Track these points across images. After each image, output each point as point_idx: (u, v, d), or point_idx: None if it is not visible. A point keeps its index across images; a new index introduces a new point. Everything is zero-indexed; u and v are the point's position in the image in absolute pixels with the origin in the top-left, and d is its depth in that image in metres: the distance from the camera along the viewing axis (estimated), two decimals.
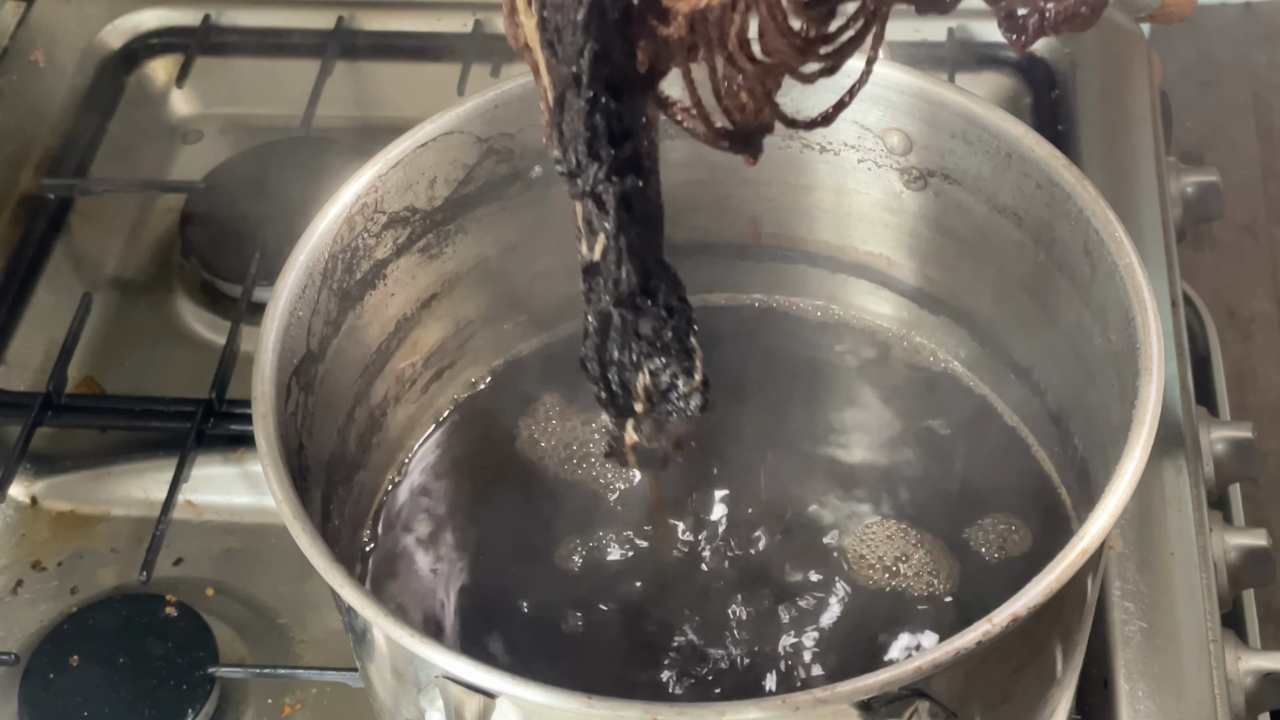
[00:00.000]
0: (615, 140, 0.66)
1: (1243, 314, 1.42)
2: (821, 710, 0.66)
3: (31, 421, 1.08)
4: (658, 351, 0.73)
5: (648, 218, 0.69)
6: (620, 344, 0.73)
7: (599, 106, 0.64)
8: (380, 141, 0.87)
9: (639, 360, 0.73)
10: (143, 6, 1.35)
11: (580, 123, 0.65)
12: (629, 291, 0.70)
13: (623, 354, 0.73)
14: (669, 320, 0.72)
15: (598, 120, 0.65)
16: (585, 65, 0.63)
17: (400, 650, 0.72)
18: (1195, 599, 0.94)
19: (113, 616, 0.99)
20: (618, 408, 0.75)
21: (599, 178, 0.66)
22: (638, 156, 0.67)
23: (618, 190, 0.67)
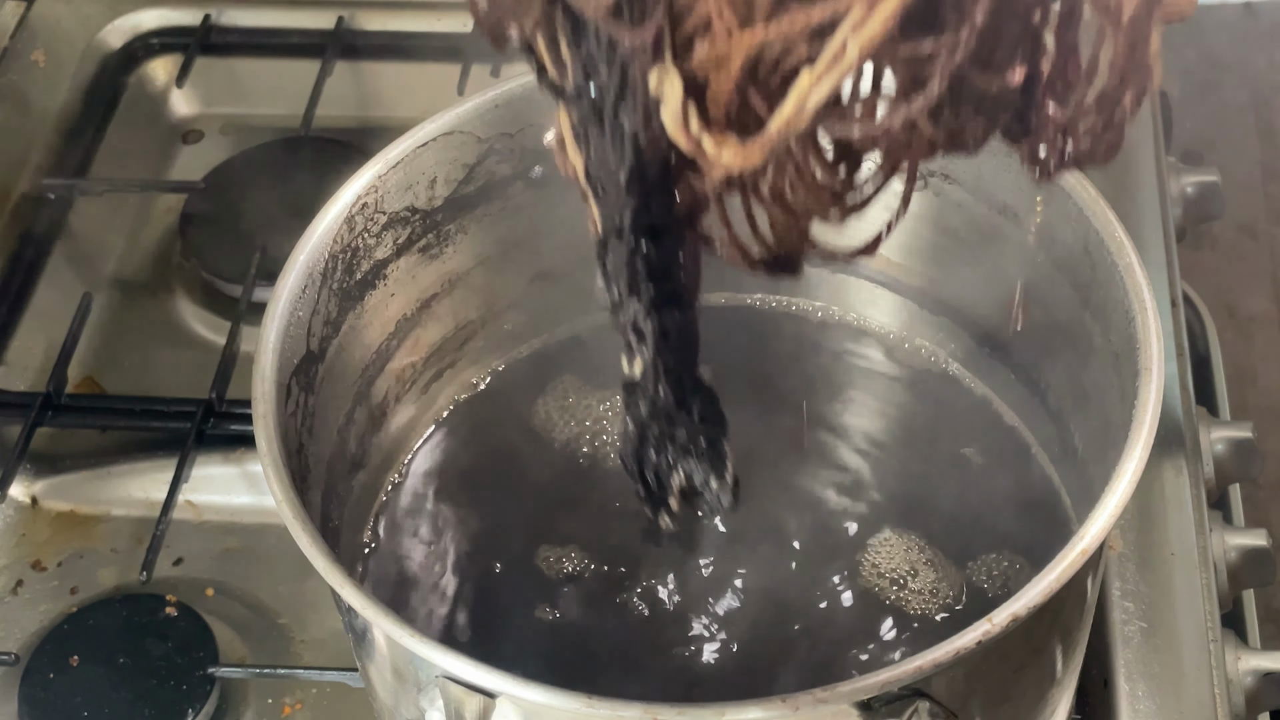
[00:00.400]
0: (654, 278, 0.70)
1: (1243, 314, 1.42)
2: (822, 710, 0.66)
3: (31, 421, 1.08)
4: (692, 456, 0.78)
5: (685, 342, 0.74)
6: (656, 448, 0.78)
7: (639, 251, 0.69)
8: (380, 141, 0.87)
9: (674, 462, 0.78)
10: (143, 6, 1.35)
11: (622, 264, 0.69)
12: (665, 408, 0.75)
13: (659, 457, 0.78)
14: (701, 431, 0.77)
15: (638, 264, 0.69)
16: (627, 219, 0.67)
17: (400, 650, 0.72)
18: (1195, 599, 0.94)
19: (113, 616, 0.99)
20: (653, 501, 0.80)
21: (639, 312, 0.71)
22: (676, 290, 0.71)
23: (656, 324, 0.72)
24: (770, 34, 0.56)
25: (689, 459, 0.78)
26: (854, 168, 0.65)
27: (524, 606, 0.87)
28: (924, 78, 0.57)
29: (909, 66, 0.57)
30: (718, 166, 0.60)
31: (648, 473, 0.79)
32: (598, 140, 0.65)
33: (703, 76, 0.58)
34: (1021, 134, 0.63)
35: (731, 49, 0.57)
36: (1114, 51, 0.60)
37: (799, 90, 0.56)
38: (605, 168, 0.66)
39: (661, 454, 0.78)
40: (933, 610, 0.85)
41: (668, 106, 0.59)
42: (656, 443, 0.78)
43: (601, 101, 0.63)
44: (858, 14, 0.54)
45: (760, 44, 0.56)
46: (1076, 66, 0.61)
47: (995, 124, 0.63)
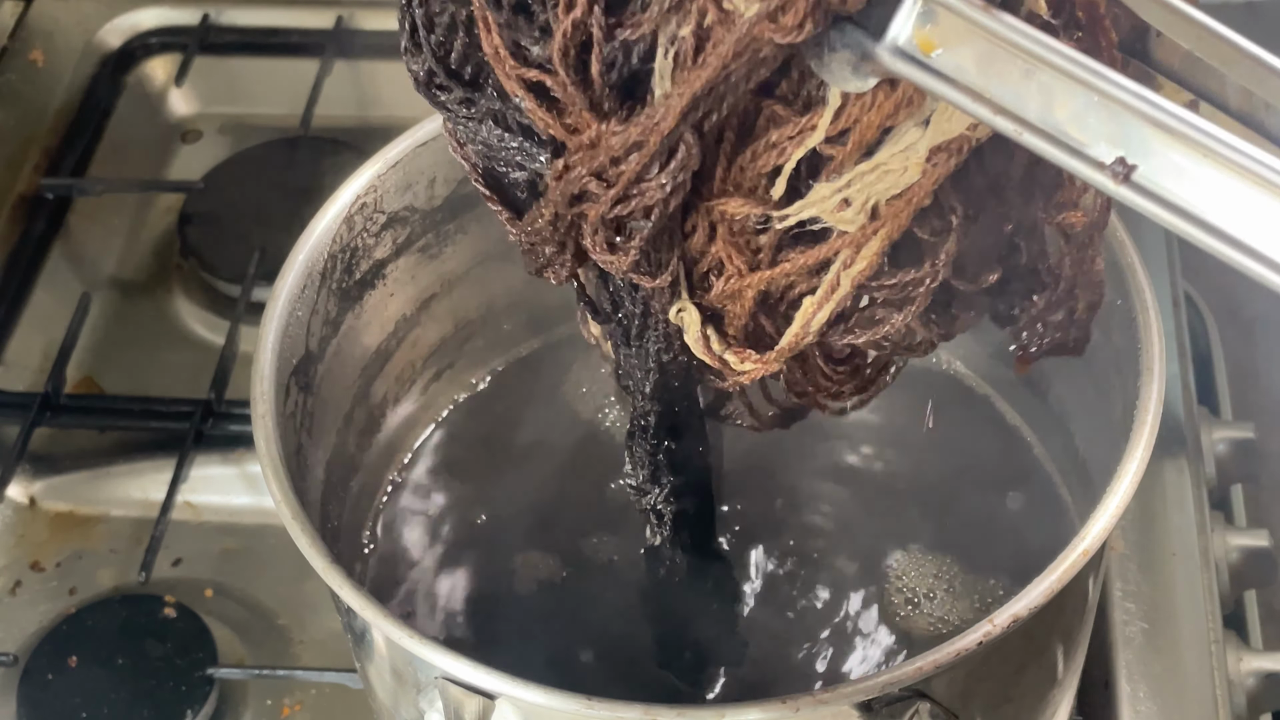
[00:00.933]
0: (675, 470, 0.76)
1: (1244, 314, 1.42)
2: (822, 711, 0.66)
3: (30, 422, 1.08)
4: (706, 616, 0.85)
5: (700, 521, 0.81)
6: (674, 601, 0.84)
7: (662, 449, 0.75)
8: (379, 141, 0.87)
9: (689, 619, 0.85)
10: (141, 6, 1.35)
11: (645, 457, 0.76)
12: (683, 575, 0.82)
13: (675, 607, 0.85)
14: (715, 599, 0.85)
15: (660, 458, 0.76)
16: (651, 421, 0.74)
17: (400, 651, 0.72)
18: (1197, 600, 0.94)
19: (111, 617, 0.99)
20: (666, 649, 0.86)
21: (658, 498, 0.77)
22: (693, 480, 0.78)
23: (674, 509, 0.78)
24: (775, 274, 0.64)
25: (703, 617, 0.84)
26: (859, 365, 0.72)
27: (524, 607, 0.87)
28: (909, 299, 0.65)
29: (896, 291, 0.65)
30: (739, 376, 0.68)
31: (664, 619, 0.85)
32: (626, 353, 0.72)
33: (720, 306, 0.66)
34: (1007, 320, 0.71)
35: (743, 287, 0.65)
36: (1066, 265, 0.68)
37: (804, 314, 0.65)
38: (632, 376, 0.72)
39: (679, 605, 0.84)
40: (931, 611, 0.85)
41: (690, 333, 0.67)
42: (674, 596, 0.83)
43: (629, 324, 0.70)
44: (847, 255, 0.63)
45: (767, 282, 0.65)
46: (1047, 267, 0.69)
47: (982, 313, 0.70)
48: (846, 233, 0.63)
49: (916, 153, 0.61)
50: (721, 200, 0.63)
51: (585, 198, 0.63)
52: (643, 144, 0.60)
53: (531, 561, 0.88)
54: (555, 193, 0.64)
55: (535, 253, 0.68)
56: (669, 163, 0.61)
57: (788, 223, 0.63)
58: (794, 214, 0.62)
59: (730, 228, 0.64)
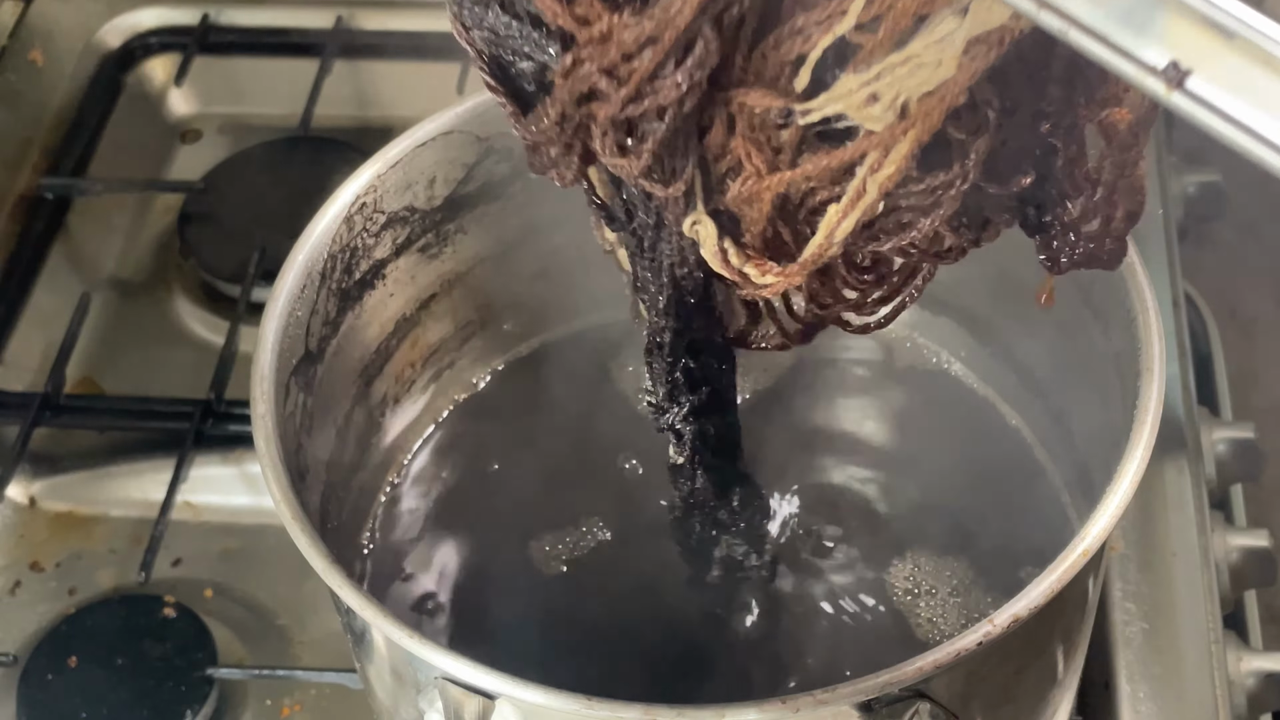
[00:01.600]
0: (694, 388, 0.74)
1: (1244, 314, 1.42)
2: (822, 711, 0.66)
3: (30, 422, 1.08)
4: (731, 534, 0.83)
5: (724, 442, 0.78)
6: (700, 523, 0.83)
7: (680, 367, 0.73)
8: (379, 141, 0.87)
9: (717, 536, 0.84)
10: (141, 5, 1.35)
11: (663, 375, 0.73)
12: (703, 499, 0.80)
13: (703, 529, 0.83)
14: (740, 515, 0.82)
15: (678, 376, 0.73)
16: (667, 338, 0.71)
17: (399, 651, 0.72)
18: (1197, 600, 0.94)
19: (111, 617, 0.99)
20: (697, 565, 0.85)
21: (677, 419, 0.75)
22: (714, 399, 0.75)
23: (694, 430, 0.76)
24: (796, 176, 0.60)
25: (730, 535, 0.82)
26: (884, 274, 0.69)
27: (524, 607, 0.87)
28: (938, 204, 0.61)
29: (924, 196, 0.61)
30: (761, 289, 0.64)
31: (691, 540, 0.82)
32: (641, 264, 0.69)
33: (737, 210, 0.62)
34: (1037, 228, 0.66)
35: (761, 189, 0.61)
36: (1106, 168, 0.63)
37: (828, 224, 0.61)
38: (648, 289, 0.69)
39: (705, 528, 0.82)
40: (930, 610, 0.85)
41: (706, 247, 0.64)
42: (701, 520, 0.82)
43: (642, 235, 0.67)
44: (874, 158, 0.59)
45: (787, 184, 0.61)
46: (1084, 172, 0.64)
47: (1013, 219, 0.66)
48: (873, 133, 0.58)
49: (953, 44, 0.56)
50: (741, 91, 0.58)
51: (595, 96, 0.59)
52: (658, 38, 0.56)
53: (532, 561, 0.88)
54: (563, 90, 0.60)
55: (540, 152, 0.64)
56: (685, 59, 0.57)
57: (811, 118, 0.59)
58: (817, 108, 0.58)
59: (750, 122, 0.59)
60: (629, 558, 0.88)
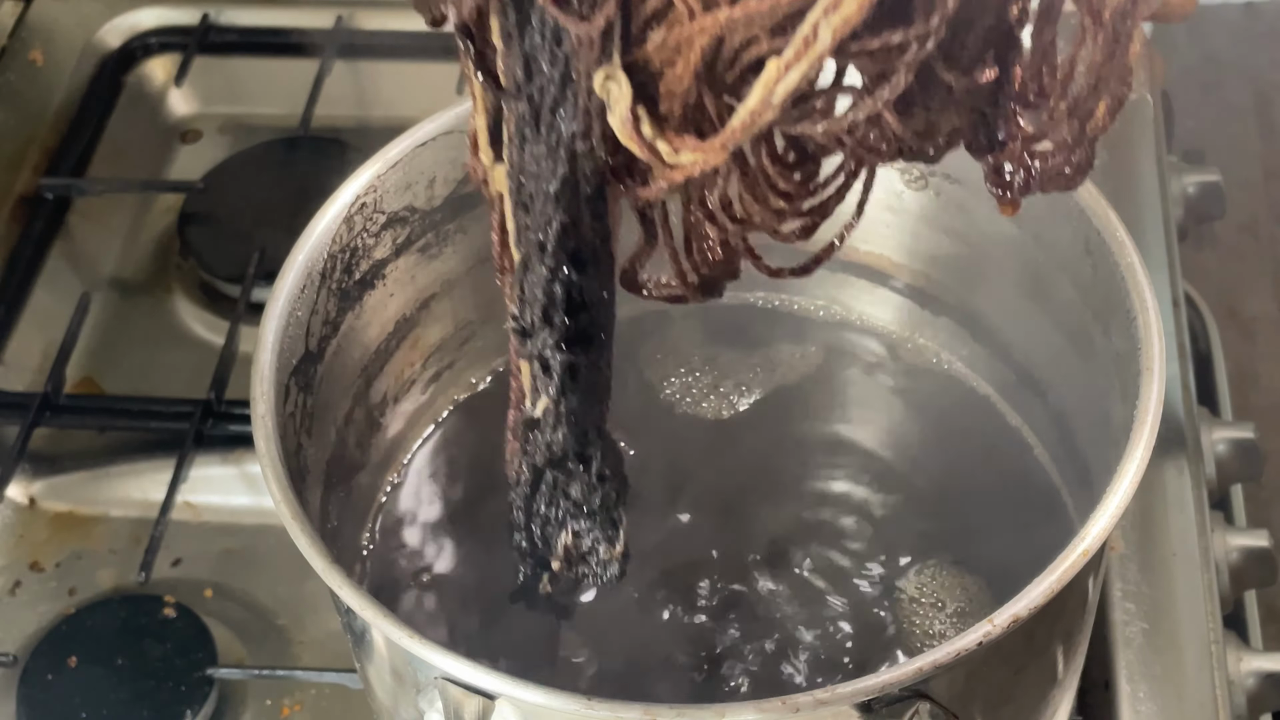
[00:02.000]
0: (571, 310, 0.65)
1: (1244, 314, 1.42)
2: (822, 711, 0.66)
3: (30, 422, 1.08)
4: (583, 515, 0.73)
5: (593, 387, 0.69)
6: (548, 499, 0.73)
7: (560, 277, 0.64)
8: (379, 141, 0.87)
9: (564, 519, 0.73)
10: (141, 5, 1.35)
11: (539, 288, 0.65)
12: (561, 455, 0.71)
13: (549, 509, 0.74)
14: (598, 489, 0.72)
15: (556, 289, 0.65)
16: (552, 236, 0.63)
17: (399, 651, 0.72)
18: (1197, 600, 0.94)
19: (111, 617, 0.99)
20: (535, 558, 0.76)
21: (548, 343, 0.66)
22: (591, 329, 0.66)
23: (565, 360, 0.67)
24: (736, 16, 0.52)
25: (579, 518, 0.73)
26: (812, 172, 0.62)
27: (524, 607, 0.87)
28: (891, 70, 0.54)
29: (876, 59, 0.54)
30: (674, 170, 0.56)
31: (534, 525, 0.74)
32: (532, 143, 0.61)
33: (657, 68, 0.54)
34: (988, 148, 0.60)
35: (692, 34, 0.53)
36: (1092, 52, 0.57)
37: (766, 80, 0.53)
38: (535, 175, 0.62)
39: (551, 507, 0.73)
40: (929, 610, 0.85)
41: (616, 110, 0.56)
42: (549, 494, 0.73)
43: (540, 101, 0.59)
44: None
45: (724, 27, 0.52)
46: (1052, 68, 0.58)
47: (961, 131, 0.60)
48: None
49: None
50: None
51: None
52: None
53: None
54: None
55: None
56: None
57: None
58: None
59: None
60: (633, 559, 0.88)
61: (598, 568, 0.75)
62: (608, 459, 0.72)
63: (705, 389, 0.94)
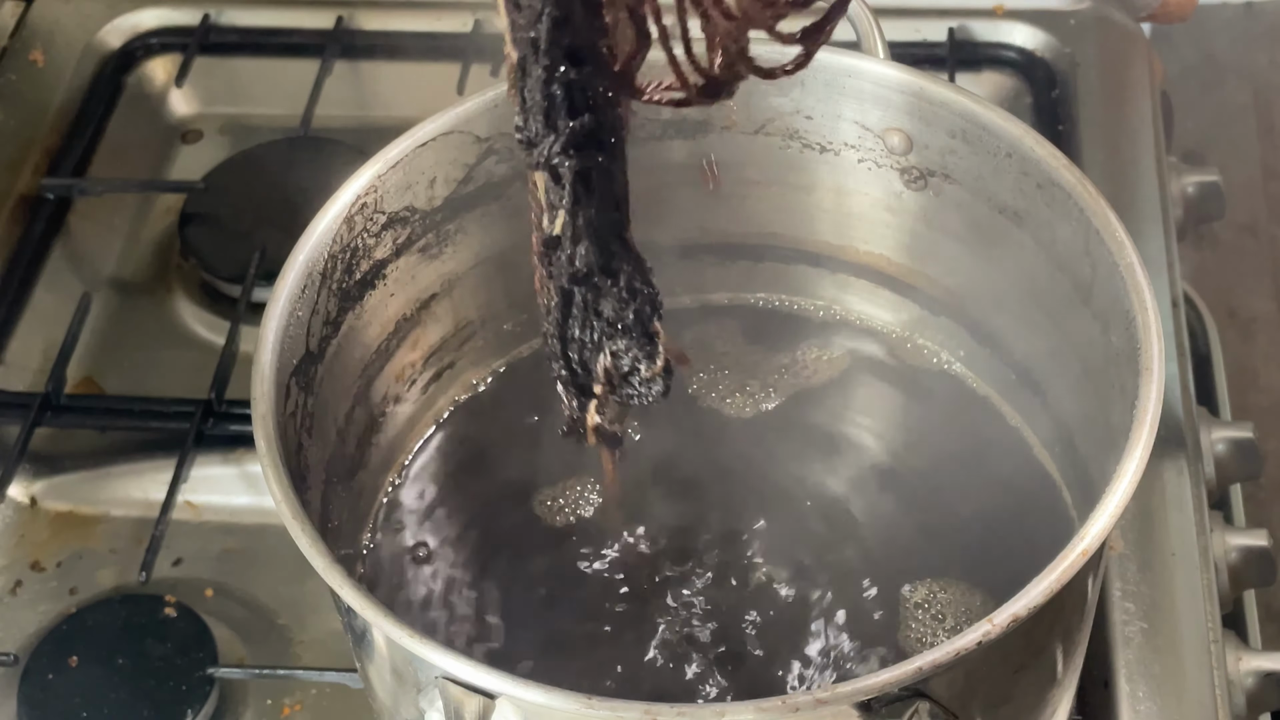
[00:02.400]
0: (574, 112, 0.64)
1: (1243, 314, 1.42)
2: (822, 711, 0.66)
3: (30, 422, 1.08)
4: (619, 333, 0.71)
5: (609, 195, 0.67)
6: (581, 322, 0.71)
7: (557, 76, 0.62)
8: (380, 141, 0.87)
9: (600, 340, 0.71)
10: (142, 6, 1.35)
11: (538, 91, 0.63)
12: (586, 270, 0.69)
13: (583, 333, 0.72)
14: (630, 303, 0.70)
15: (555, 90, 0.63)
16: (544, 30, 0.61)
17: (400, 651, 0.72)
18: (1196, 600, 0.94)
19: (112, 617, 0.99)
20: (578, 387, 0.74)
21: (554, 150, 0.65)
22: (598, 131, 0.65)
23: (574, 165, 0.65)
24: None
25: (615, 337, 0.71)
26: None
27: (524, 606, 0.87)
28: None
29: None
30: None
31: (571, 352, 0.72)
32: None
33: None
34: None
35: None
36: None
37: None
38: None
39: (585, 330, 0.71)
40: (928, 610, 0.85)
41: None
42: (580, 316, 0.71)
43: None
44: None
45: None
46: None
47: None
48: None
49: None
50: None
51: None
52: None
53: (532, 561, 0.88)
54: None
55: None
56: None
57: None
58: None
59: None
60: (633, 559, 0.88)
61: (641, 388, 0.73)
62: (636, 270, 0.70)
63: (702, 387, 0.95)
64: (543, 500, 0.91)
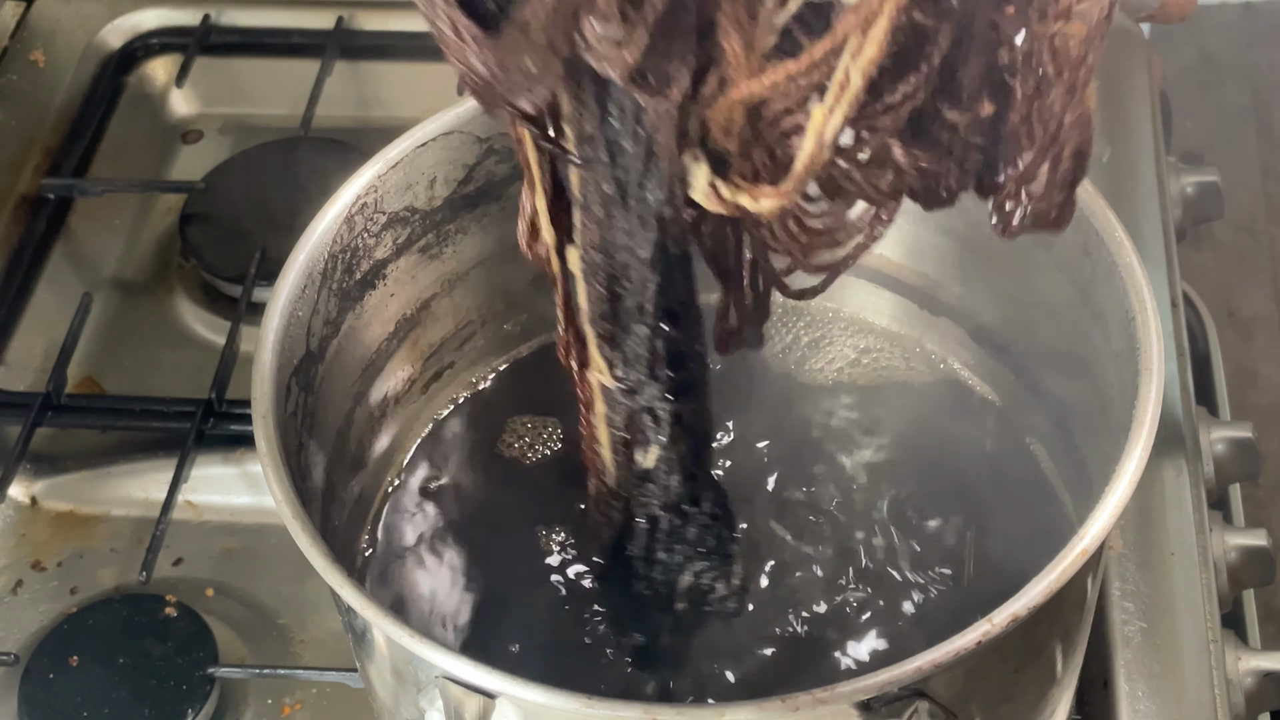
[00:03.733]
0: (673, 364, 0.71)
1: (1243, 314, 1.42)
2: (821, 710, 0.66)
3: (31, 422, 1.08)
4: (700, 556, 0.78)
5: (697, 433, 0.74)
6: (666, 546, 0.78)
7: (660, 334, 0.70)
8: (380, 141, 0.87)
9: (683, 563, 0.78)
10: (142, 6, 1.35)
11: (642, 348, 0.70)
12: (676, 500, 0.76)
13: (668, 555, 0.78)
14: (712, 527, 0.77)
15: (658, 345, 0.70)
16: (649, 297, 0.69)
17: (400, 650, 0.72)
18: (1195, 599, 0.94)
19: (112, 617, 0.99)
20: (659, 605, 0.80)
21: (655, 396, 0.72)
22: (691, 380, 0.72)
23: (673, 409, 0.72)
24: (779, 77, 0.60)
25: (696, 559, 0.78)
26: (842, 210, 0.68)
27: (524, 606, 0.87)
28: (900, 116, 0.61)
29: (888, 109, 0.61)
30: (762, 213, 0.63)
31: (655, 573, 0.79)
32: (621, 218, 0.66)
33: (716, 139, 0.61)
34: (992, 189, 0.66)
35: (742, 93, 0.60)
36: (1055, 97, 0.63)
37: (815, 124, 0.60)
38: (626, 247, 0.67)
39: (670, 552, 0.78)
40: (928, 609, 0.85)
41: (698, 184, 0.63)
42: (666, 540, 0.78)
43: (627, 178, 0.65)
44: (854, 43, 0.59)
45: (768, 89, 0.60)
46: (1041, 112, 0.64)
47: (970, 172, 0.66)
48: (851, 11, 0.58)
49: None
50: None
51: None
52: None
53: (532, 560, 0.89)
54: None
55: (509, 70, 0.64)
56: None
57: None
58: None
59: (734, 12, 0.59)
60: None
61: (718, 604, 0.79)
62: (717, 499, 0.77)
63: None
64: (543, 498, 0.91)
